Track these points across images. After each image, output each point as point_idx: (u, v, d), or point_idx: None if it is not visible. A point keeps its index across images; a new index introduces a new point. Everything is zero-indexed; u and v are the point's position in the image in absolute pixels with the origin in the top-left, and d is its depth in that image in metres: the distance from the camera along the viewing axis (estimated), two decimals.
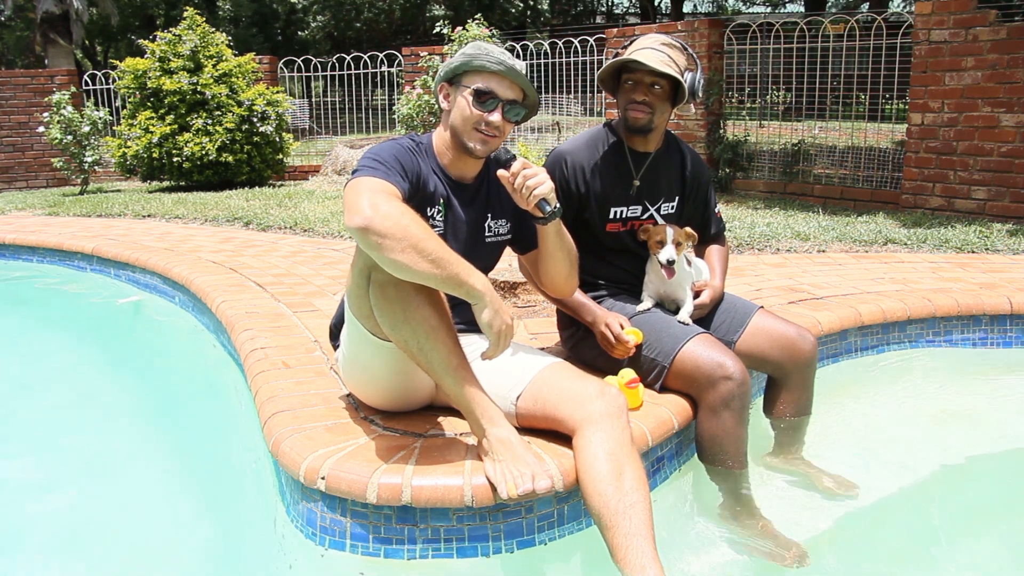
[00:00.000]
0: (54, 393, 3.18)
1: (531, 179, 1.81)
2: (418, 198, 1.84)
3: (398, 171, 1.77)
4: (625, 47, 2.26)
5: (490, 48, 1.87)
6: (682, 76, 2.15)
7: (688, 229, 2.28)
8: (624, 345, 2.13)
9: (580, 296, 2.25)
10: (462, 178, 1.97)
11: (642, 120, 2.20)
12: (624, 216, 2.32)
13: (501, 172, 1.85)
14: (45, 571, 1.92)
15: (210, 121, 8.67)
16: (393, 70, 11.07)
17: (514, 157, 1.85)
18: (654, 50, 2.14)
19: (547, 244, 1.98)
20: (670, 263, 2.19)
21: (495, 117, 1.85)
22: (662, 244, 2.21)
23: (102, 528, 2.09)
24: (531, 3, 26.09)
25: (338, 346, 2.10)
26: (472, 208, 1.99)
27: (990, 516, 2.16)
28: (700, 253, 2.51)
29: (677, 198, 2.40)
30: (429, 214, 1.88)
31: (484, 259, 2.01)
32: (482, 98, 1.84)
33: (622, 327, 2.15)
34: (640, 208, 2.34)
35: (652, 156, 2.32)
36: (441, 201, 1.91)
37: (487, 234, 2.03)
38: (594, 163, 2.28)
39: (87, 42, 23.58)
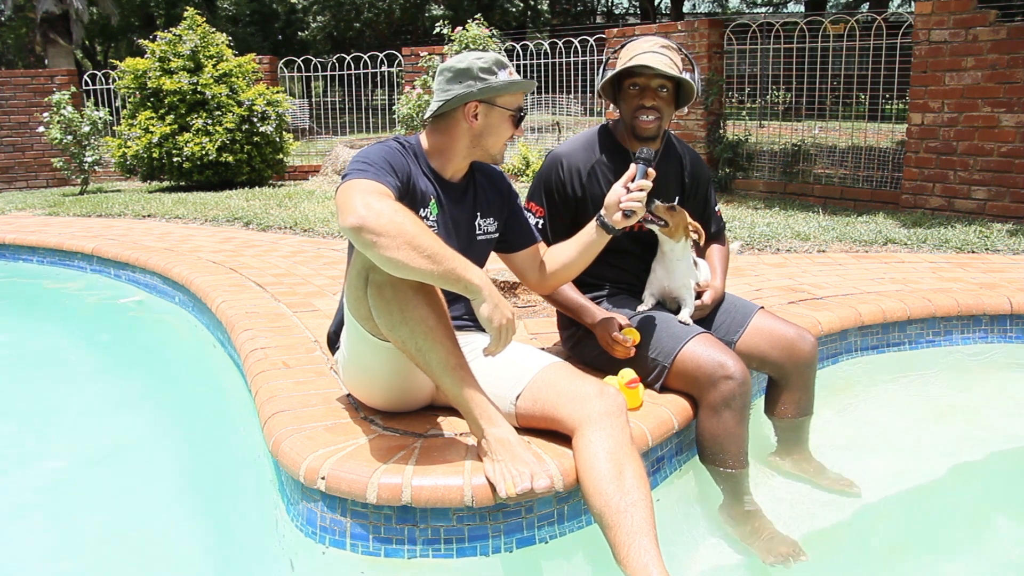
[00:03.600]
0: (54, 393, 3.18)
1: (642, 192, 1.95)
2: (409, 198, 1.85)
3: (388, 171, 1.78)
4: (616, 51, 2.24)
5: (506, 61, 1.93)
6: (685, 77, 2.15)
7: (696, 224, 2.26)
8: (623, 345, 2.13)
9: (579, 298, 2.25)
10: (452, 178, 2.00)
11: (652, 128, 2.18)
12: None
13: (651, 170, 1.97)
14: (45, 571, 1.92)
15: (210, 121, 8.67)
16: (393, 70, 11.07)
17: (654, 158, 2.00)
18: (655, 53, 2.13)
19: (590, 250, 2.06)
20: (648, 205, 2.09)
21: (521, 127, 2.02)
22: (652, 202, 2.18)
23: (102, 527, 2.09)
24: (531, 3, 26.09)
25: (336, 352, 2.11)
26: (462, 207, 2.01)
27: (990, 515, 2.16)
28: (700, 252, 2.51)
29: (676, 198, 2.40)
30: (423, 215, 1.89)
31: (477, 257, 2.02)
32: (520, 116, 1.96)
33: (620, 328, 2.15)
34: None
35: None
36: (432, 201, 1.92)
37: (478, 232, 2.05)
38: (591, 166, 2.27)
39: (87, 42, 23.58)
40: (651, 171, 1.97)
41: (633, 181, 1.96)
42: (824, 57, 7.20)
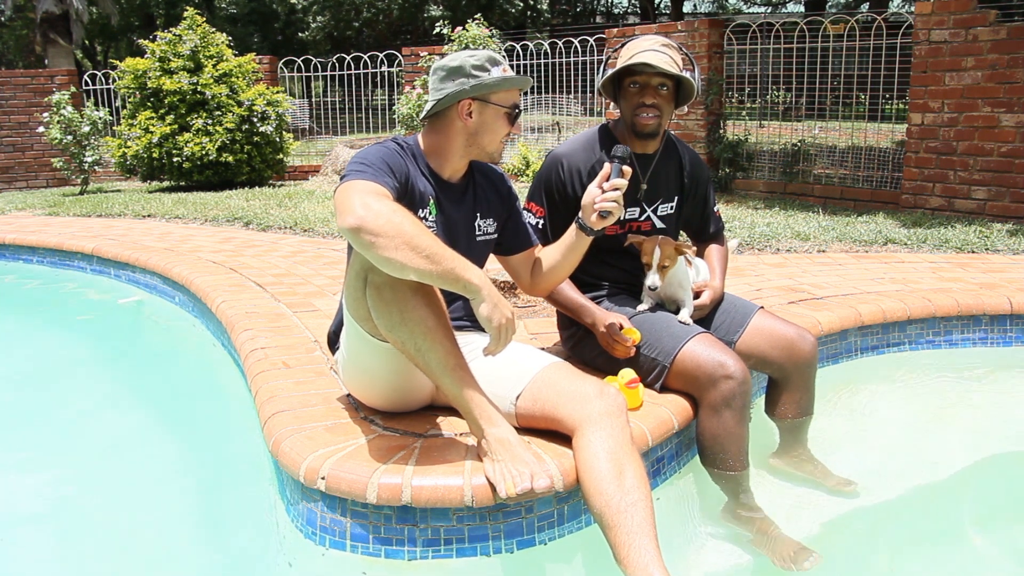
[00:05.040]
0: (54, 393, 3.18)
1: (617, 192, 1.92)
2: (407, 198, 1.85)
3: (386, 172, 1.78)
4: (616, 50, 2.24)
5: (500, 59, 1.92)
6: (685, 75, 2.15)
7: (681, 244, 2.24)
8: (624, 345, 2.13)
9: (579, 298, 2.25)
10: (451, 178, 1.99)
11: (652, 125, 2.19)
12: (623, 218, 2.31)
13: (627, 168, 1.93)
14: (45, 571, 1.91)
15: (210, 121, 8.67)
16: (393, 70, 11.07)
17: (628, 159, 1.97)
18: (655, 51, 2.13)
19: (573, 252, 2.04)
20: (652, 289, 2.21)
21: (517, 124, 1.94)
22: (648, 267, 2.21)
23: (102, 527, 2.09)
24: (531, 3, 26.09)
25: (337, 352, 2.11)
26: (461, 208, 2.01)
27: (991, 515, 2.16)
28: (700, 253, 2.51)
29: (676, 198, 2.40)
30: (421, 215, 1.89)
31: (476, 258, 2.02)
32: (515, 113, 1.94)
33: (621, 327, 2.15)
34: (638, 210, 2.33)
35: (653, 158, 2.32)
36: (431, 201, 1.92)
37: (477, 233, 2.05)
38: (591, 166, 2.27)
39: (87, 42, 23.58)
40: (626, 169, 1.94)
41: (608, 180, 1.93)
42: (824, 57, 7.20)
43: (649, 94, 2.16)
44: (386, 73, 11.29)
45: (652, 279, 2.18)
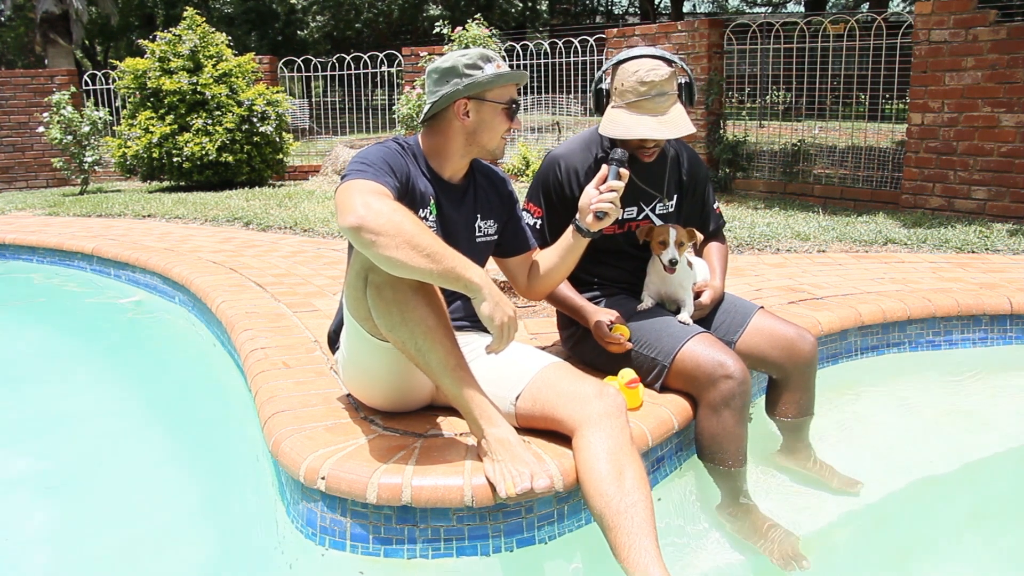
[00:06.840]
0: (54, 393, 3.18)
1: (614, 193, 1.94)
2: (408, 199, 1.85)
3: (387, 171, 1.78)
4: (608, 69, 2.20)
5: (492, 55, 1.92)
6: (682, 99, 2.15)
7: (691, 229, 2.26)
8: (617, 343, 2.13)
9: (576, 299, 2.25)
10: (451, 179, 1.99)
11: (652, 158, 2.20)
12: (620, 218, 2.31)
13: (624, 171, 1.96)
14: (44, 571, 1.91)
15: (210, 121, 8.67)
16: (393, 70, 11.07)
17: (625, 162, 1.99)
18: (661, 96, 2.08)
19: (570, 254, 2.05)
20: (672, 263, 2.19)
21: (518, 119, 1.98)
22: (665, 245, 2.20)
23: (101, 528, 2.09)
24: (531, 3, 26.08)
25: (337, 352, 2.11)
26: (462, 209, 2.01)
27: (991, 515, 2.16)
28: (699, 251, 2.51)
29: (675, 197, 2.40)
30: (422, 215, 1.89)
31: (477, 258, 2.01)
32: (514, 108, 1.93)
33: (611, 327, 2.14)
34: (636, 209, 2.33)
35: (661, 160, 2.31)
36: (431, 202, 1.92)
37: (478, 234, 2.05)
38: (588, 166, 2.27)
39: (87, 42, 23.58)
40: (623, 171, 1.96)
41: (605, 182, 1.95)
42: (824, 57, 7.20)
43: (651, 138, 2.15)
44: (386, 73, 11.29)
45: (671, 253, 2.17)
